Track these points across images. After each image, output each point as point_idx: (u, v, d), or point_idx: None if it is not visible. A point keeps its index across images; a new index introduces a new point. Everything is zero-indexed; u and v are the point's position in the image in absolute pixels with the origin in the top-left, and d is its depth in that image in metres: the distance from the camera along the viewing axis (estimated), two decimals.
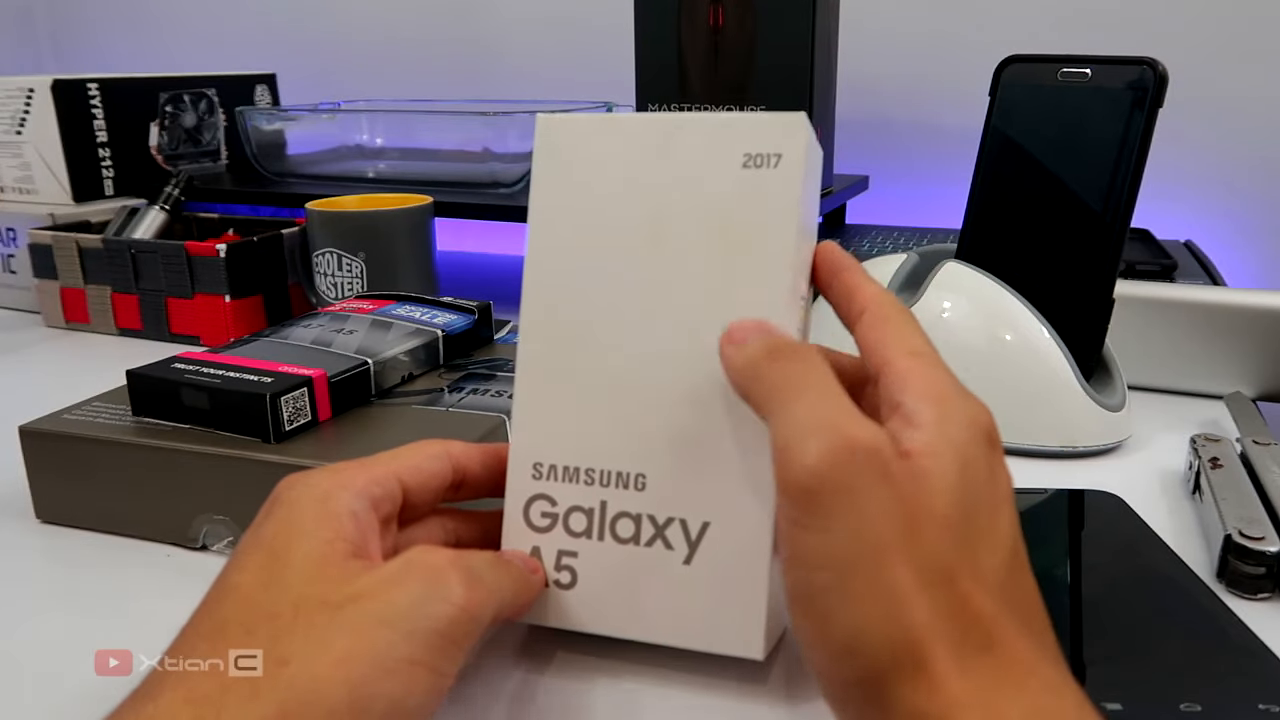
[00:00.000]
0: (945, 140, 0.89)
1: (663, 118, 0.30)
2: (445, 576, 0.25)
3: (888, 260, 0.56)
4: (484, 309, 0.53)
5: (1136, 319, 0.55)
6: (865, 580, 0.21)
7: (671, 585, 0.29)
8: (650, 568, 0.29)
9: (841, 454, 0.22)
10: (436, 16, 1.07)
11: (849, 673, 0.22)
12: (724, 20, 0.67)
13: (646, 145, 0.30)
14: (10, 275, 0.78)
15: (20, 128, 0.80)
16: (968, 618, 0.22)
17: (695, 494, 0.29)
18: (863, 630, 0.21)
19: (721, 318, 0.28)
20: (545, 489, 0.30)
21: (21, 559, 0.40)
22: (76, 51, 1.29)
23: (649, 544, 0.29)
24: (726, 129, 0.29)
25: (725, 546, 0.28)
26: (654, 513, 0.29)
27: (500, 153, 0.78)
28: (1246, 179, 0.83)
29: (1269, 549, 0.35)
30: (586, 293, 0.30)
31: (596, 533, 0.29)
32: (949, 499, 0.23)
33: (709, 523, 0.28)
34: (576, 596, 0.29)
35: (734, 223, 0.29)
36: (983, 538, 0.23)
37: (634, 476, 0.29)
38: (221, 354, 0.43)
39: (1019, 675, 0.21)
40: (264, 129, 0.88)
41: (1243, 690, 0.29)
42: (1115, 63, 0.48)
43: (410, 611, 0.23)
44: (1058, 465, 0.47)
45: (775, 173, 0.28)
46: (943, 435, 0.24)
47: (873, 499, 0.22)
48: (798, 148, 0.28)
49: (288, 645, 0.22)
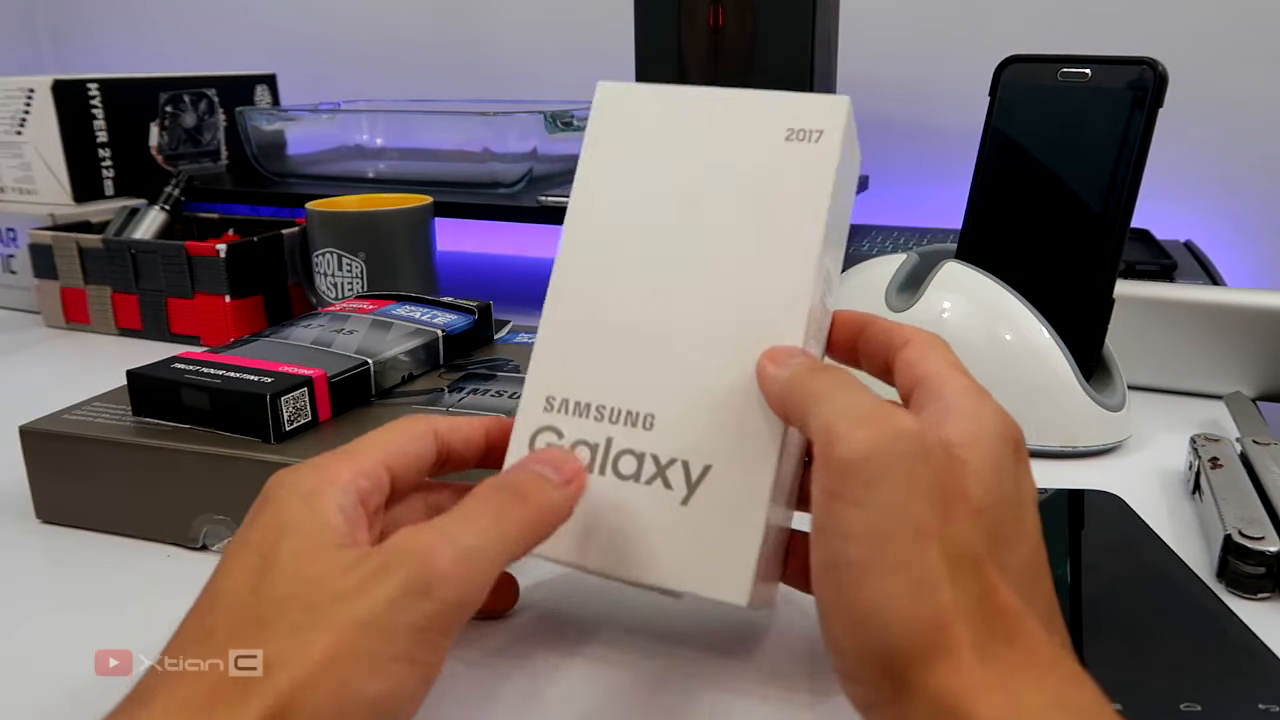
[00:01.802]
0: (945, 140, 0.89)
1: (714, 91, 0.32)
2: (430, 562, 0.24)
3: (888, 260, 0.56)
4: (484, 309, 0.53)
5: (1136, 319, 0.55)
6: (897, 555, 0.22)
7: (665, 525, 0.28)
8: (647, 505, 0.28)
9: (887, 435, 0.23)
10: (436, 16, 1.07)
11: (869, 646, 0.22)
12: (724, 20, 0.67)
13: (696, 115, 0.32)
14: (10, 275, 0.78)
15: (20, 128, 0.80)
16: (993, 607, 0.22)
17: (702, 438, 0.28)
18: (889, 604, 0.21)
19: (750, 275, 0.29)
20: (554, 421, 0.30)
21: (21, 559, 0.40)
22: (77, 51, 1.29)
23: (649, 482, 0.28)
24: (773, 104, 0.31)
25: (724, 491, 0.28)
26: (658, 452, 0.29)
27: (500, 153, 0.78)
28: (1246, 179, 0.83)
29: (1269, 549, 0.35)
30: (622, 243, 0.31)
31: (599, 467, 0.29)
32: (982, 489, 0.24)
33: (711, 466, 0.28)
34: (569, 530, 0.29)
35: (772, 188, 0.30)
36: (1010, 534, 0.24)
37: (643, 416, 0.29)
38: (221, 354, 0.43)
39: (1041, 667, 0.22)
40: (264, 129, 0.88)
41: (1243, 690, 0.29)
42: (1115, 63, 0.48)
43: (391, 609, 0.23)
44: (1058, 465, 0.47)
45: (815, 147, 0.30)
46: (979, 429, 0.25)
47: (914, 478, 0.22)
48: (838, 126, 0.30)
49: (274, 648, 0.22)
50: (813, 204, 0.29)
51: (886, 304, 0.52)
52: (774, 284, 0.29)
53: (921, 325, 0.50)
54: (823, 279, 0.30)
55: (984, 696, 0.21)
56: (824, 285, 0.30)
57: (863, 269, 0.57)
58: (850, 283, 0.56)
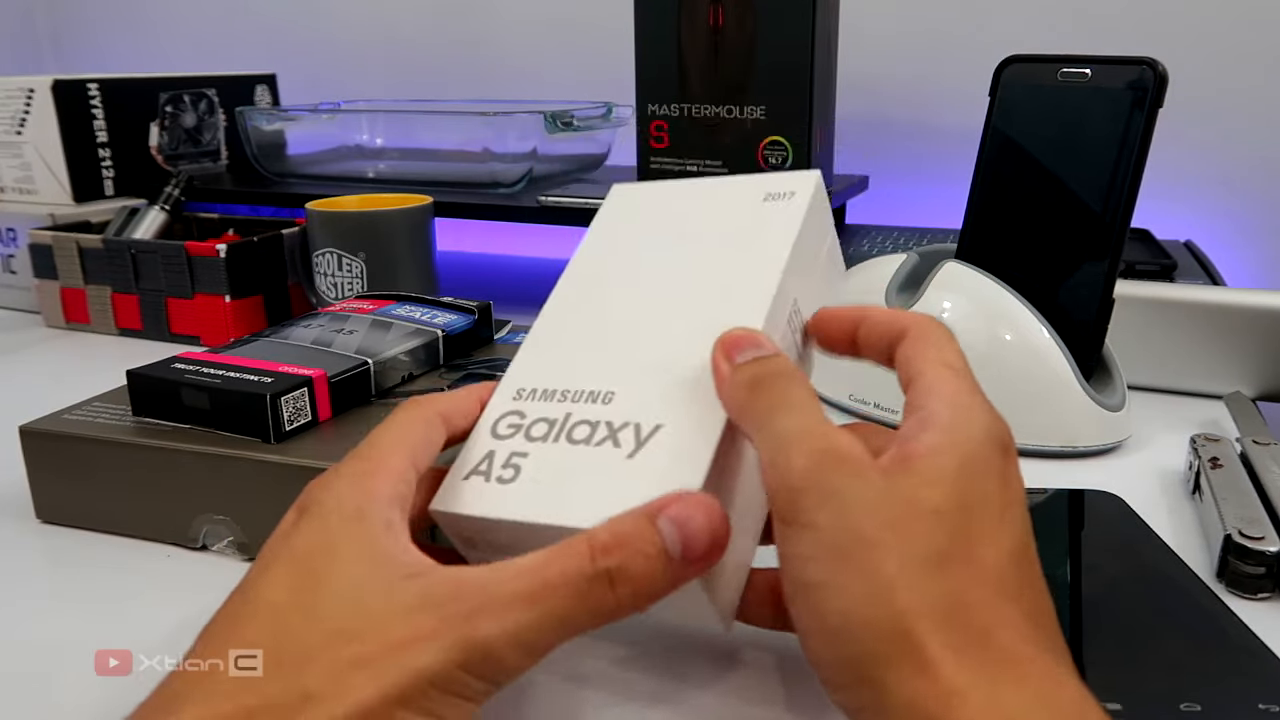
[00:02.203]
0: (945, 140, 0.89)
1: (712, 180, 0.37)
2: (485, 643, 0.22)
3: (888, 260, 0.56)
4: (484, 309, 0.53)
5: (1136, 319, 0.55)
6: (853, 567, 0.22)
7: (608, 477, 0.28)
8: (593, 463, 0.28)
9: (822, 458, 0.24)
10: (436, 17, 1.07)
11: (842, 656, 0.23)
12: (724, 20, 0.67)
13: (691, 195, 0.37)
14: (10, 275, 0.78)
15: (20, 128, 0.80)
16: (962, 607, 0.22)
17: (656, 404, 0.29)
18: (852, 614, 0.22)
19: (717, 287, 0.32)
20: (519, 406, 0.31)
21: (21, 559, 0.40)
22: (77, 52, 1.29)
23: (599, 444, 0.29)
24: (757, 180, 0.36)
25: (671, 444, 0.28)
26: (612, 419, 0.29)
27: (500, 153, 0.78)
28: (1246, 179, 0.83)
29: (1269, 549, 0.35)
30: (609, 281, 0.34)
31: (553, 437, 0.29)
32: (943, 492, 0.24)
33: (661, 425, 0.28)
34: (512, 489, 0.29)
35: (745, 234, 0.33)
36: (983, 533, 0.23)
37: (604, 394, 0.30)
38: (221, 354, 0.43)
39: (1020, 668, 0.21)
40: (264, 129, 0.88)
41: (1242, 690, 0.29)
42: (1115, 63, 0.48)
43: (436, 673, 0.22)
44: (1058, 465, 0.47)
45: (787, 203, 0.34)
46: (950, 437, 0.25)
47: (852, 494, 0.23)
48: (809, 188, 0.34)
49: (315, 681, 0.22)
50: (781, 238, 0.32)
51: (886, 304, 0.52)
52: (739, 292, 0.31)
53: None
54: (789, 305, 0.31)
55: (962, 698, 0.21)
56: (791, 312, 0.32)
57: (863, 269, 0.57)
58: (850, 283, 0.56)
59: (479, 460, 0.30)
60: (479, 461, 0.30)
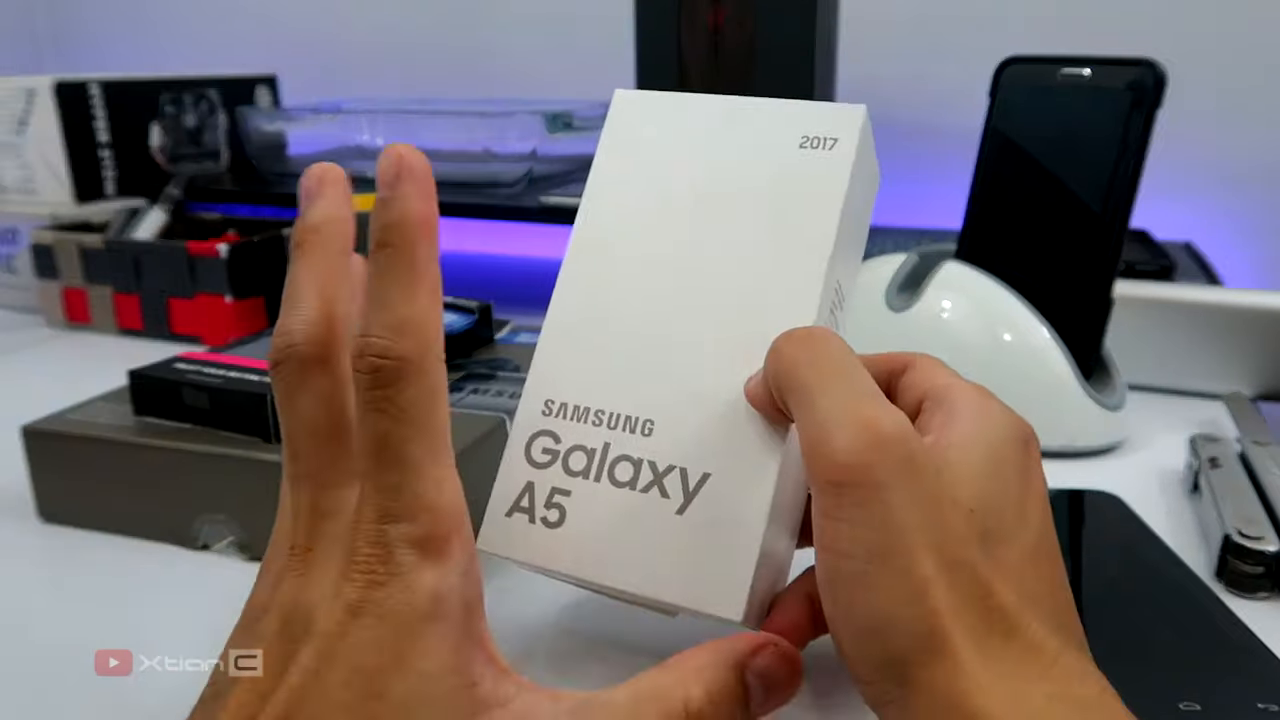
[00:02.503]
0: (945, 140, 0.89)
1: (729, 99, 0.31)
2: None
3: (888, 260, 0.56)
4: (484, 309, 0.53)
5: (1136, 319, 0.55)
6: (890, 567, 0.22)
7: (661, 534, 0.27)
8: (642, 514, 0.27)
9: (867, 446, 0.22)
10: (437, 17, 1.07)
11: (874, 654, 0.23)
12: (724, 20, 0.67)
13: (710, 122, 0.31)
14: (12, 275, 0.78)
15: (22, 129, 0.80)
16: (989, 605, 0.22)
17: (701, 446, 0.27)
18: (886, 614, 0.22)
19: (758, 284, 0.28)
20: (552, 425, 0.29)
21: (22, 559, 0.40)
22: (78, 52, 1.29)
23: (645, 490, 0.28)
24: (789, 112, 0.30)
25: (723, 501, 0.27)
26: (655, 459, 0.28)
27: (500, 153, 0.78)
28: (1246, 179, 0.83)
29: (1268, 549, 0.35)
30: (628, 247, 0.31)
31: (594, 474, 0.28)
32: (972, 489, 0.24)
33: (709, 474, 0.27)
34: (560, 536, 0.28)
35: (784, 196, 0.29)
36: (1006, 531, 0.24)
37: (642, 422, 0.28)
38: (223, 354, 0.43)
39: (1043, 662, 0.22)
40: (265, 130, 0.88)
41: (1242, 690, 0.29)
42: (1115, 63, 0.48)
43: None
44: (1057, 465, 0.47)
45: (829, 154, 0.29)
46: (978, 431, 0.25)
47: (897, 490, 0.22)
48: (854, 134, 0.29)
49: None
50: (825, 212, 0.29)
51: (886, 304, 0.52)
52: (781, 293, 0.28)
53: (921, 325, 0.50)
54: (833, 289, 0.29)
55: (987, 693, 0.21)
56: (834, 297, 0.29)
57: (863, 269, 0.57)
58: None
59: (519, 494, 0.29)
60: (519, 495, 0.29)
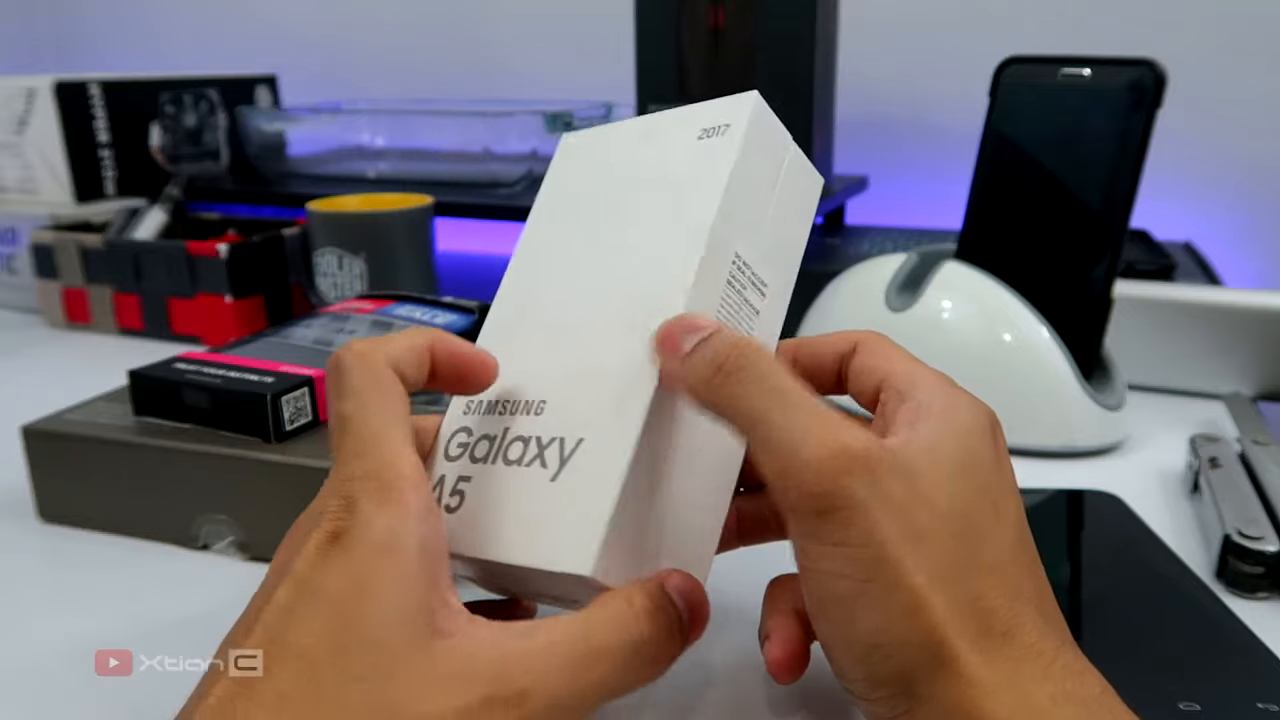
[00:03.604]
0: (945, 140, 0.89)
1: (647, 117, 0.33)
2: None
3: (888, 260, 0.56)
4: (484, 309, 0.53)
5: (1136, 319, 0.55)
6: (883, 586, 0.22)
7: (534, 503, 0.27)
8: (522, 487, 0.27)
9: (840, 469, 0.22)
10: (437, 17, 1.07)
11: (878, 672, 0.23)
12: (724, 20, 0.67)
13: (629, 138, 0.33)
14: (12, 275, 0.78)
15: (22, 128, 0.80)
16: (982, 608, 0.22)
17: (580, 415, 0.28)
18: (886, 632, 0.22)
19: (645, 263, 0.29)
20: (467, 422, 0.30)
21: (22, 559, 0.40)
22: (78, 52, 1.30)
23: (529, 464, 0.28)
24: (691, 111, 0.31)
25: (589, 461, 0.26)
26: (541, 434, 0.28)
27: (500, 153, 0.78)
28: (1246, 179, 0.83)
29: (1268, 549, 0.35)
30: (550, 259, 0.32)
31: (492, 458, 0.29)
32: (948, 491, 0.23)
33: (583, 439, 0.27)
34: (455, 519, 0.28)
35: (678, 184, 0.30)
36: (985, 530, 0.24)
37: (536, 403, 0.29)
38: (222, 354, 0.43)
39: (1043, 661, 0.22)
40: (265, 130, 0.88)
41: (1241, 689, 0.29)
42: (1115, 63, 0.48)
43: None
44: (1057, 465, 0.47)
45: (722, 139, 0.30)
46: (947, 428, 0.24)
47: (876, 506, 0.22)
48: (744, 117, 0.30)
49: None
50: (711, 187, 0.29)
51: (886, 304, 0.52)
52: (664, 264, 0.28)
53: (921, 325, 0.50)
54: (728, 262, 0.28)
55: (994, 698, 0.21)
56: (734, 271, 0.29)
57: (863, 269, 0.57)
58: (850, 283, 0.56)
59: (433, 487, 0.29)
60: (433, 488, 0.29)
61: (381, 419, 0.25)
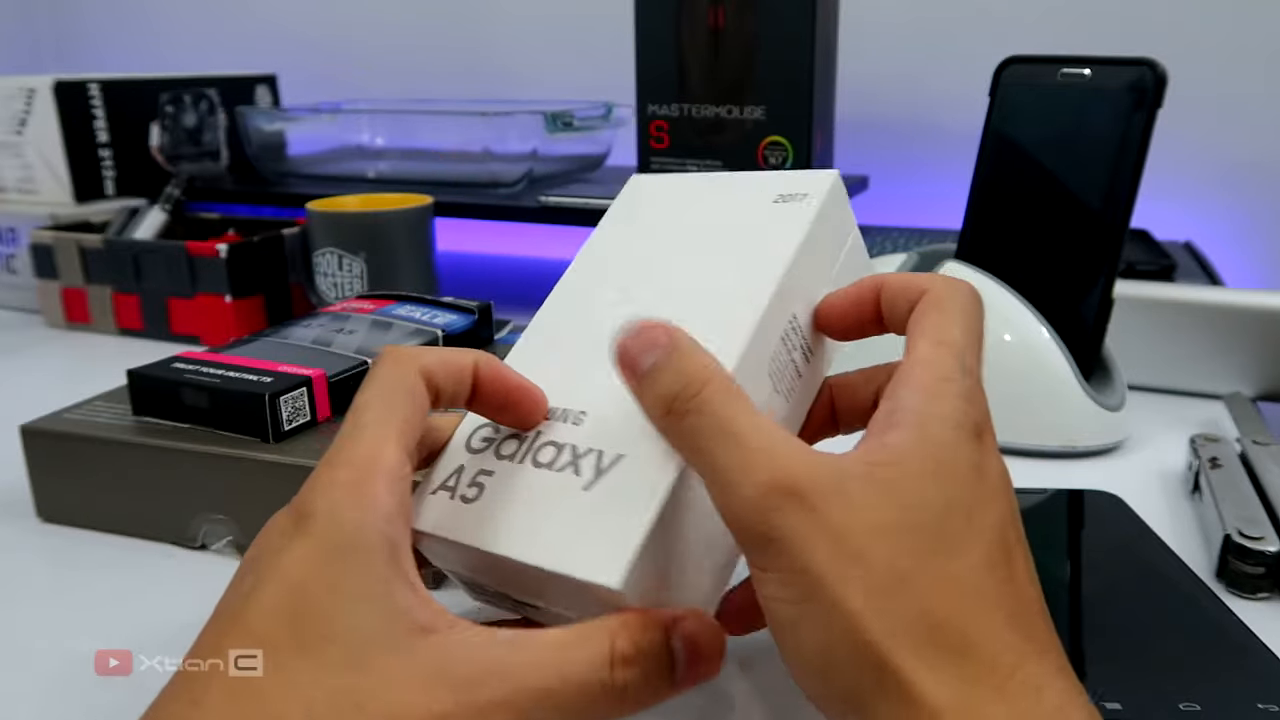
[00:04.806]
0: (945, 140, 0.89)
1: (725, 173, 0.35)
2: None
3: (888, 260, 0.56)
4: (484, 309, 0.53)
5: (1136, 319, 0.55)
6: (821, 607, 0.22)
7: (561, 507, 0.27)
8: (552, 490, 0.28)
9: (768, 507, 0.23)
10: (437, 17, 1.07)
11: (825, 692, 0.23)
12: (724, 20, 0.67)
13: (702, 189, 0.35)
14: (11, 275, 0.78)
15: (21, 128, 0.80)
16: (930, 624, 0.22)
17: (622, 433, 0.28)
18: (828, 651, 0.22)
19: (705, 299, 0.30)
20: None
21: (22, 559, 0.40)
22: (77, 52, 1.30)
23: (560, 470, 0.28)
24: (770, 177, 0.34)
25: (628, 479, 0.27)
26: (578, 443, 0.28)
27: (500, 153, 0.78)
28: (1246, 179, 0.83)
29: (1268, 549, 0.35)
30: (605, 284, 0.33)
31: (520, 457, 0.29)
32: (906, 502, 0.23)
33: (623, 456, 0.27)
34: (470, 510, 0.28)
35: (750, 238, 0.31)
36: (952, 541, 0.23)
37: (575, 413, 0.29)
38: (222, 354, 0.43)
39: (998, 677, 0.21)
40: (265, 129, 0.88)
41: (1242, 690, 0.29)
42: (1115, 63, 0.48)
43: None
44: (1057, 465, 0.47)
45: (799, 205, 0.32)
46: (920, 436, 0.24)
47: (803, 535, 0.22)
48: (823, 189, 0.32)
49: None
50: (783, 244, 0.30)
51: None
52: (728, 304, 0.29)
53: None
54: (785, 320, 0.29)
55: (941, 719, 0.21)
56: (788, 328, 0.30)
57: None
58: None
59: (449, 475, 0.29)
60: (449, 476, 0.29)
61: (380, 414, 0.26)
